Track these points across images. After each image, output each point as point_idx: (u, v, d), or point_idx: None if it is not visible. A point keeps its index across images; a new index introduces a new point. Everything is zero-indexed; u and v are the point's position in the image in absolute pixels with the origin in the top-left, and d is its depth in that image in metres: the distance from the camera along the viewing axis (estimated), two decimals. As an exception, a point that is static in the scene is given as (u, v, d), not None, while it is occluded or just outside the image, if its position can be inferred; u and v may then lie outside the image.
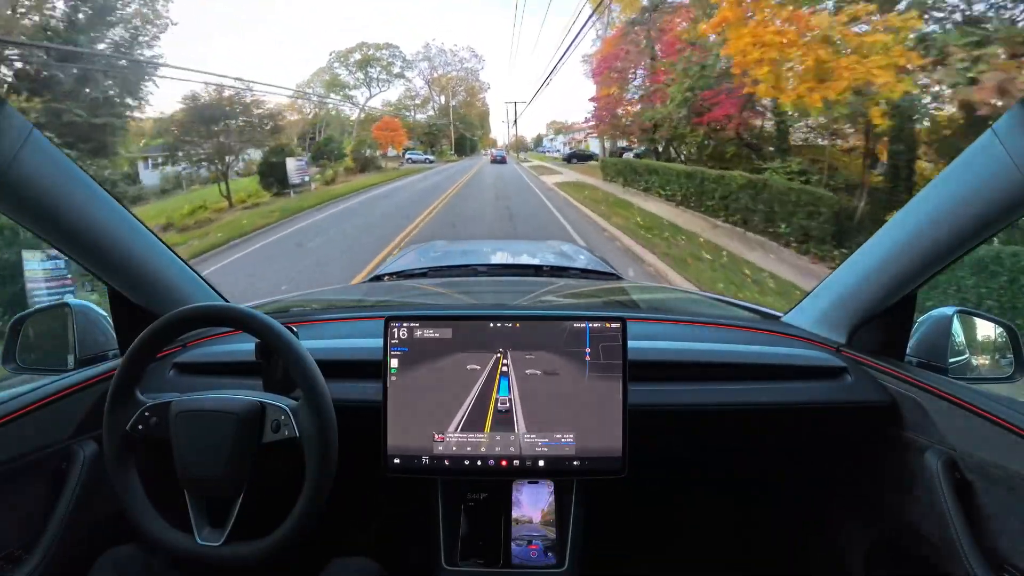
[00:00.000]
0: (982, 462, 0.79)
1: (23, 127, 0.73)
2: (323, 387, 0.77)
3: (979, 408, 0.80)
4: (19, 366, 1.02)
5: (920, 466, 0.87)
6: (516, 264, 2.07)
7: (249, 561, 0.74)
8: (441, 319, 0.90)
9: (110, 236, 0.90)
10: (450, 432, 0.88)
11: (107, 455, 0.78)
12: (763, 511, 1.34)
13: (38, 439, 0.86)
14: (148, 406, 0.79)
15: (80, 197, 0.84)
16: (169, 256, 1.03)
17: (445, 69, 40.68)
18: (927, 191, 0.83)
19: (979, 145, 0.73)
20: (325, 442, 0.75)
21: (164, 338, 0.82)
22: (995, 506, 0.77)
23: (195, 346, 1.09)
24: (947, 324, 1.00)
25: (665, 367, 1.00)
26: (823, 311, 1.09)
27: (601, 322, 0.88)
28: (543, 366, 0.88)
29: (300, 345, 0.78)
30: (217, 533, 0.75)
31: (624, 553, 1.28)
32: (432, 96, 40.34)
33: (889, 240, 0.91)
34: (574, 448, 0.87)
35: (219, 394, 0.80)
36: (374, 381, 0.90)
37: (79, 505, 0.88)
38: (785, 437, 1.09)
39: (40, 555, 0.83)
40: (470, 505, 0.93)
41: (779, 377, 1.00)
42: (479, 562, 0.89)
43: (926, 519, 0.86)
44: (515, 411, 0.88)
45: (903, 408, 0.94)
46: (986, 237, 0.79)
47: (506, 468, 0.88)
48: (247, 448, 0.76)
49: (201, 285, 1.11)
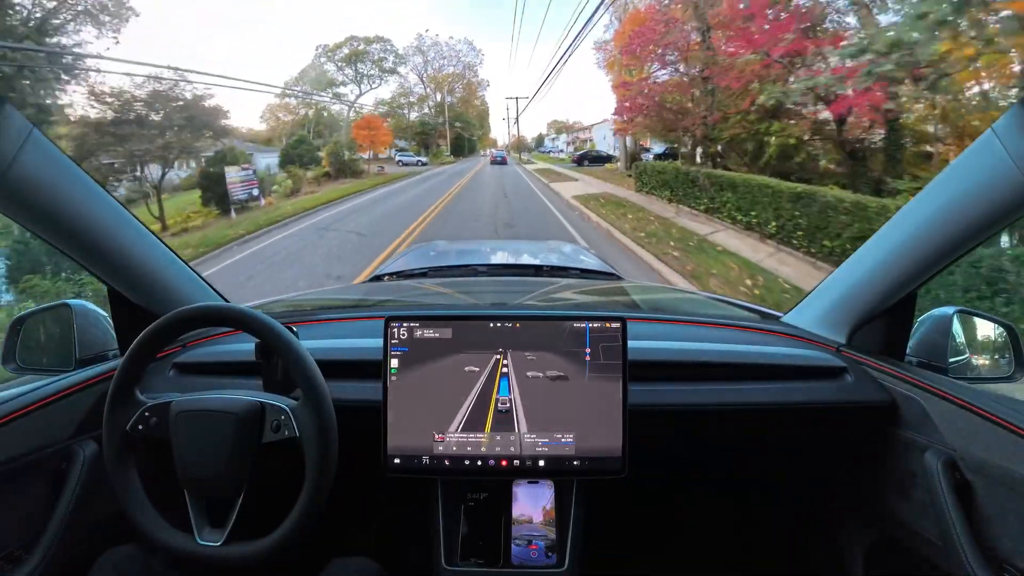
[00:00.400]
0: (982, 462, 0.79)
1: (23, 127, 0.73)
2: (323, 387, 0.77)
3: (979, 408, 0.80)
4: (19, 366, 1.02)
5: (920, 466, 0.87)
6: (516, 264, 2.07)
7: (249, 561, 0.74)
8: (441, 319, 0.90)
9: (110, 236, 0.90)
10: (450, 432, 0.88)
11: (107, 455, 0.78)
12: (763, 511, 1.34)
13: (38, 439, 0.86)
14: (148, 406, 0.79)
15: (80, 197, 0.84)
16: (169, 256, 1.03)
17: (440, 63, 38.97)
18: (927, 191, 0.83)
19: (979, 145, 0.73)
20: (325, 442, 0.75)
21: (164, 338, 0.82)
22: (995, 506, 0.77)
23: (195, 346, 1.09)
24: (947, 324, 1.00)
25: (665, 367, 1.00)
26: (823, 311, 1.09)
27: (601, 322, 0.88)
28: (543, 366, 0.88)
29: (300, 345, 0.78)
30: (217, 533, 0.75)
31: (624, 553, 1.28)
32: (427, 93, 38.44)
33: (889, 240, 0.91)
34: (574, 448, 0.87)
35: (219, 394, 0.80)
36: (374, 381, 0.90)
37: (79, 505, 0.88)
38: (785, 437, 1.09)
39: (40, 555, 0.83)
40: (470, 505, 0.93)
41: (779, 377, 1.00)
42: (479, 562, 0.89)
43: (926, 519, 0.86)
44: (515, 411, 0.88)
45: (903, 408, 0.94)
46: (986, 237, 0.79)
47: (506, 468, 0.88)
48: (247, 448, 0.76)
49: (201, 285, 1.11)
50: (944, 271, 0.86)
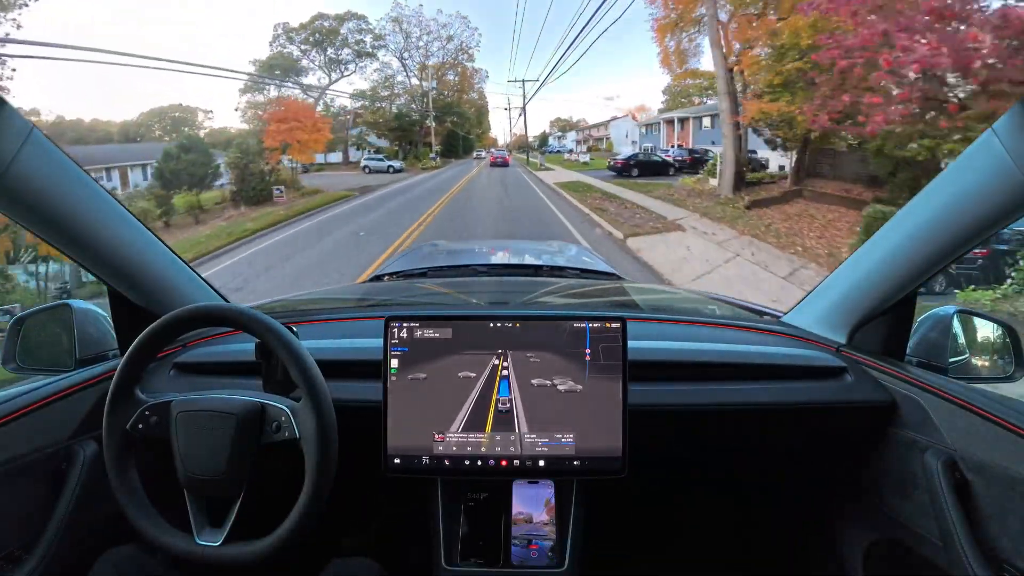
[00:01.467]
0: (982, 462, 0.79)
1: (23, 127, 0.73)
2: (323, 388, 0.77)
3: (979, 408, 0.80)
4: (19, 366, 1.02)
5: (920, 466, 0.87)
6: (516, 264, 2.07)
7: (247, 562, 0.73)
8: (441, 319, 0.90)
9: (110, 236, 0.90)
10: (451, 432, 0.88)
11: (107, 454, 0.78)
12: (763, 511, 1.34)
13: (38, 439, 0.86)
14: (148, 405, 0.79)
15: (80, 197, 0.84)
16: (169, 256, 1.03)
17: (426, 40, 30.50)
18: (927, 191, 0.83)
19: (979, 145, 0.73)
20: (325, 444, 0.75)
21: (164, 338, 0.82)
22: (995, 506, 0.77)
23: (195, 346, 1.09)
24: (947, 324, 1.00)
25: (665, 367, 1.00)
26: (823, 311, 1.09)
27: (601, 322, 0.88)
28: (543, 366, 0.88)
29: (300, 345, 0.78)
30: (216, 533, 0.75)
31: (624, 553, 1.28)
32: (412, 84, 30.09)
33: (889, 240, 0.91)
34: (574, 448, 0.87)
35: (220, 394, 0.80)
36: (374, 381, 0.90)
37: (79, 505, 0.88)
38: (785, 437, 1.09)
39: (40, 555, 0.83)
40: (470, 505, 0.93)
41: (779, 377, 1.00)
42: (479, 562, 0.89)
43: (926, 519, 0.86)
44: (515, 411, 0.88)
45: (903, 408, 0.94)
46: (986, 237, 0.79)
47: (506, 468, 0.88)
48: (247, 448, 0.76)
49: (201, 285, 1.11)
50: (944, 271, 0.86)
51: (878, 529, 1.04)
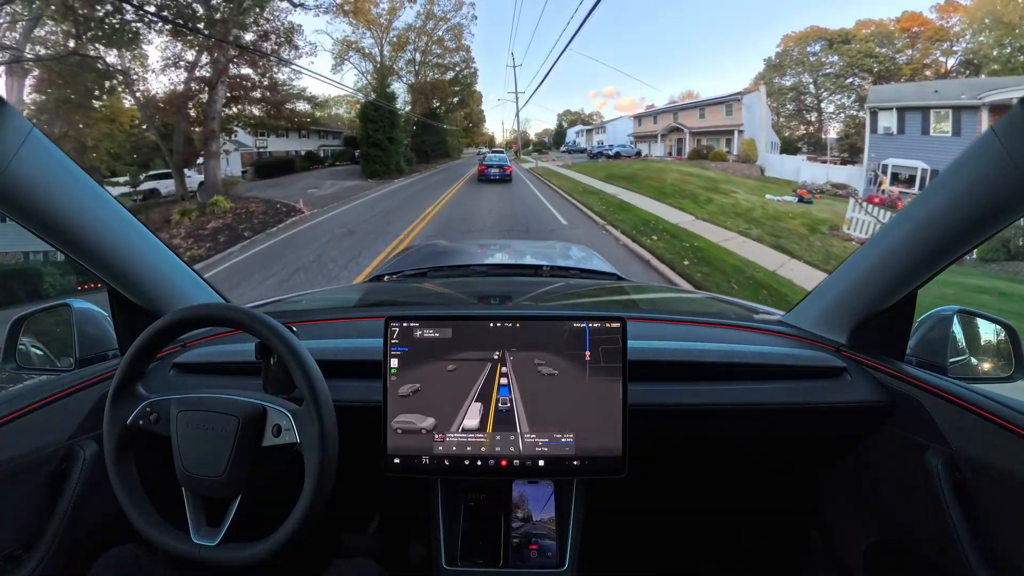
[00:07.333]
0: (982, 462, 0.79)
1: (23, 127, 0.73)
2: (325, 390, 0.76)
3: (979, 408, 0.80)
4: (19, 366, 1.02)
5: (920, 466, 0.87)
6: (516, 264, 2.07)
7: (243, 564, 0.73)
8: (441, 319, 0.90)
9: (110, 236, 0.90)
10: (451, 432, 0.88)
11: (107, 450, 0.78)
12: (763, 511, 1.34)
13: (38, 439, 0.86)
14: (150, 401, 0.79)
15: (80, 197, 0.84)
16: (169, 256, 1.03)
17: None
18: (927, 191, 0.83)
19: (979, 145, 0.73)
20: (325, 450, 0.74)
21: (164, 338, 0.82)
22: (995, 506, 0.77)
23: (195, 346, 1.09)
24: (947, 324, 1.00)
25: (665, 367, 1.00)
26: (823, 311, 1.09)
27: (601, 322, 0.88)
28: (543, 366, 0.88)
29: (300, 345, 0.78)
30: (213, 533, 0.75)
31: (624, 553, 1.28)
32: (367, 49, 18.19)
33: (889, 240, 0.91)
34: (574, 448, 0.87)
35: (221, 394, 0.80)
36: (374, 381, 0.90)
37: (79, 505, 0.88)
38: (785, 437, 1.09)
39: (40, 555, 0.83)
40: (470, 505, 0.93)
41: (779, 377, 1.00)
42: (479, 562, 0.89)
43: (926, 519, 0.86)
44: (515, 411, 0.88)
45: (903, 408, 0.93)
46: (986, 237, 0.79)
47: (506, 468, 0.88)
48: (247, 449, 0.76)
49: (201, 285, 1.11)
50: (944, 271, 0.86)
51: (878, 529, 1.04)
